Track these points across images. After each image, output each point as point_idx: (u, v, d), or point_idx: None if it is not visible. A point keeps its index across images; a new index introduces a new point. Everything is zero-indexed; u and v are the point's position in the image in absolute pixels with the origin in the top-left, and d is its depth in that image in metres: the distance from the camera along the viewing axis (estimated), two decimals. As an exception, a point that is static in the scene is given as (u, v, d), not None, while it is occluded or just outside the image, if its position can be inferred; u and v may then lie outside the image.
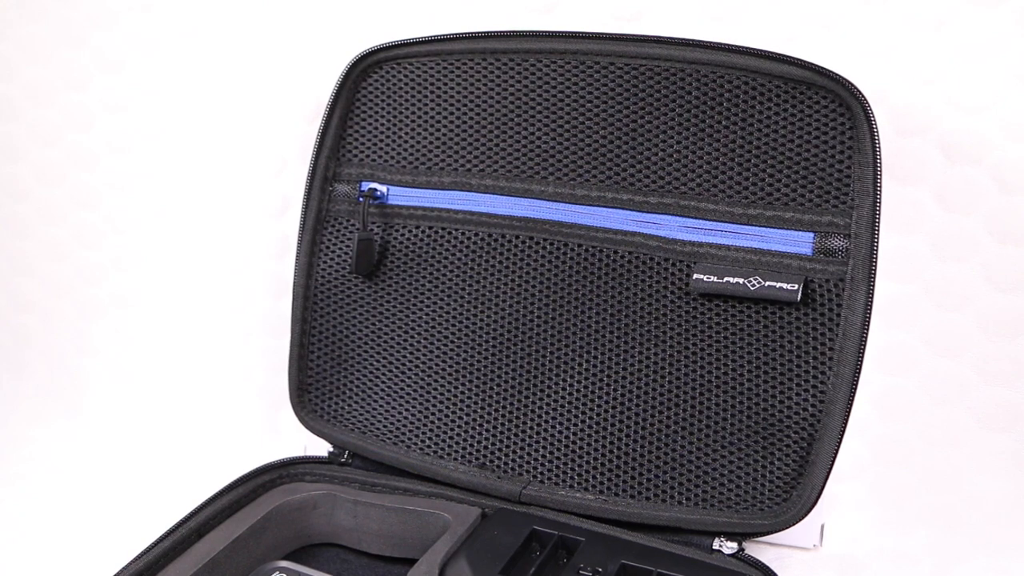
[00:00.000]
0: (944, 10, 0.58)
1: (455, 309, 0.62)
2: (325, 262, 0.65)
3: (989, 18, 0.57)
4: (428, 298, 0.63)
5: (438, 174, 0.62)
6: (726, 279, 0.54)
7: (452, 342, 0.62)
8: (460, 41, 0.59)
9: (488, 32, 0.59)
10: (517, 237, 0.60)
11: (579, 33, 0.56)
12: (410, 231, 0.63)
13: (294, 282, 0.65)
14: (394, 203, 0.63)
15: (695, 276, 0.54)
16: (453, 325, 0.62)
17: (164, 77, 0.77)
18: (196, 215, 0.80)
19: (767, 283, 0.53)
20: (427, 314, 0.63)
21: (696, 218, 0.55)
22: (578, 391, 0.58)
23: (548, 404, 0.59)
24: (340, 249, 0.65)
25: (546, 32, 0.57)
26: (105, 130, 0.80)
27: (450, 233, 0.62)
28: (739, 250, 0.54)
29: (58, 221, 0.84)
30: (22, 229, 0.85)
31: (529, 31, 0.58)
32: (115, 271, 0.83)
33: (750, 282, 0.53)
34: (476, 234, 0.61)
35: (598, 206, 0.58)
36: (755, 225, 0.54)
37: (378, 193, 0.64)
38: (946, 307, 0.62)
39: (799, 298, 0.52)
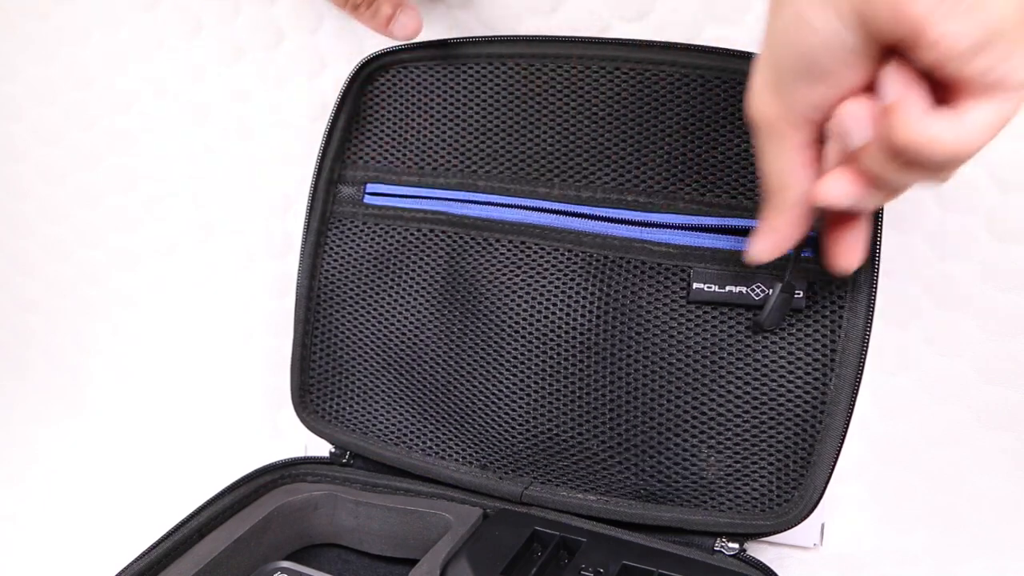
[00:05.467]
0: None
1: (457, 311, 0.62)
2: (329, 263, 0.65)
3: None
4: (430, 300, 0.63)
5: (444, 176, 0.62)
6: (728, 289, 0.54)
7: (454, 344, 0.62)
8: (467, 46, 0.59)
9: (494, 37, 0.59)
10: (519, 239, 0.60)
11: (585, 38, 0.56)
12: (412, 233, 0.63)
13: (297, 283, 0.65)
14: (398, 205, 0.63)
15: (695, 286, 0.54)
16: (455, 327, 0.62)
17: (166, 76, 0.77)
18: (198, 214, 0.80)
19: (770, 291, 0.53)
20: (429, 316, 0.63)
21: (694, 215, 0.55)
22: (580, 393, 0.58)
23: (550, 405, 0.59)
24: (344, 251, 0.65)
25: (552, 37, 0.57)
26: (107, 129, 0.80)
27: (453, 235, 0.62)
28: (738, 253, 0.54)
29: (60, 220, 0.84)
30: (24, 228, 0.85)
31: (535, 36, 0.58)
32: (117, 271, 0.83)
33: (753, 290, 0.53)
34: (479, 236, 0.61)
35: (596, 207, 0.58)
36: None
37: (376, 191, 0.64)
38: (946, 306, 0.62)
39: (804, 305, 0.52)
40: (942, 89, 0.36)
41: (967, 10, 0.33)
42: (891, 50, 0.35)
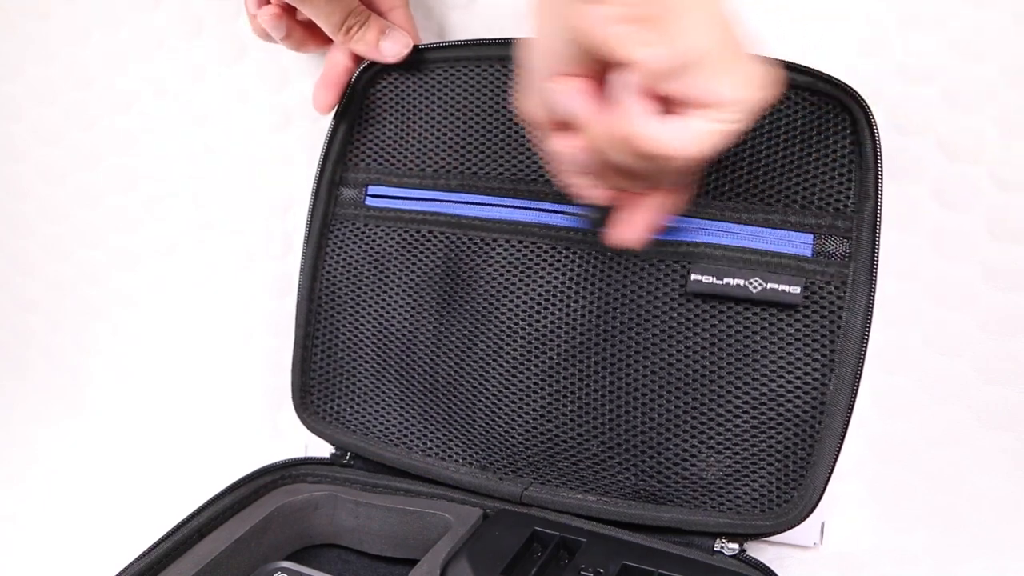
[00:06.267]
0: (943, 7, 0.58)
1: (458, 312, 0.62)
2: (330, 265, 0.65)
3: (988, 15, 0.57)
4: (431, 301, 0.63)
5: (445, 178, 0.62)
6: (726, 280, 0.54)
7: (455, 345, 0.62)
8: (468, 48, 0.60)
9: (496, 40, 0.59)
10: (517, 238, 0.60)
11: None
12: (413, 235, 0.63)
13: (299, 285, 0.65)
14: (399, 207, 0.63)
15: (693, 277, 0.54)
16: (455, 328, 0.62)
17: (167, 76, 0.77)
18: (198, 214, 0.80)
19: (769, 285, 0.53)
20: (430, 317, 0.63)
21: (692, 217, 0.55)
22: (580, 393, 0.58)
23: (550, 406, 0.59)
24: (345, 253, 0.65)
25: None
26: (107, 129, 0.80)
27: (453, 236, 0.62)
28: (736, 250, 0.54)
29: (60, 220, 0.84)
30: (24, 228, 0.85)
31: None
32: (117, 271, 0.83)
33: (751, 284, 0.53)
34: (478, 237, 0.61)
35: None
36: (753, 225, 0.54)
37: (375, 192, 0.64)
38: (945, 305, 0.62)
39: (801, 300, 0.52)
40: (666, 98, 0.41)
41: (657, 40, 0.38)
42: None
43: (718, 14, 0.39)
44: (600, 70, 0.41)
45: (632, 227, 0.50)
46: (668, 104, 0.41)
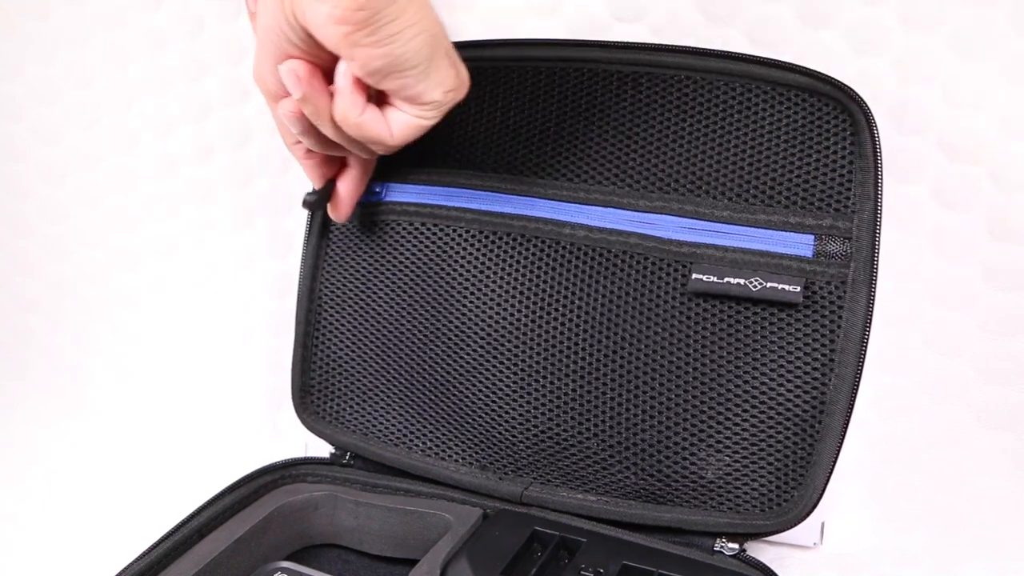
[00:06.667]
0: (942, 8, 0.58)
1: (455, 309, 0.62)
2: (330, 264, 0.65)
3: (987, 16, 0.57)
4: (431, 300, 0.63)
5: (448, 175, 0.62)
6: (727, 279, 0.54)
7: (454, 344, 0.62)
8: (466, 49, 0.59)
9: (494, 40, 0.59)
10: (511, 234, 0.60)
11: (585, 42, 0.56)
12: (412, 234, 0.63)
13: (299, 284, 0.65)
14: (402, 204, 0.63)
15: (694, 276, 0.54)
16: (454, 326, 0.62)
17: (168, 75, 0.77)
18: (198, 214, 0.80)
19: (769, 284, 0.53)
20: (428, 314, 0.63)
21: (694, 218, 0.55)
22: (580, 392, 0.58)
23: (550, 404, 0.59)
24: (346, 252, 0.65)
25: (552, 40, 0.57)
26: (107, 129, 0.80)
27: (453, 235, 0.62)
28: (738, 251, 0.54)
29: (60, 220, 0.84)
30: (24, 228, 0.85)
31: (535, 40, 0.58)
32: (117, 271, 0.83)
33: (752, 283, 0.53)
34: (479, 232, 0.61)
35: (595, 205, 0.58)
36: (754, 227, 0.54)
37: (378, 189, 0.64)
38: (945, 305, 0.62)
39: (801, 299, 0.52)
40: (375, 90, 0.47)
41: (374, 43, 0.43)
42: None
43: (427, 22, 0.44)
44: (324, 55, 0.46)
45: (341, 205, 0.59)
46: (376, 94, 0.48)
